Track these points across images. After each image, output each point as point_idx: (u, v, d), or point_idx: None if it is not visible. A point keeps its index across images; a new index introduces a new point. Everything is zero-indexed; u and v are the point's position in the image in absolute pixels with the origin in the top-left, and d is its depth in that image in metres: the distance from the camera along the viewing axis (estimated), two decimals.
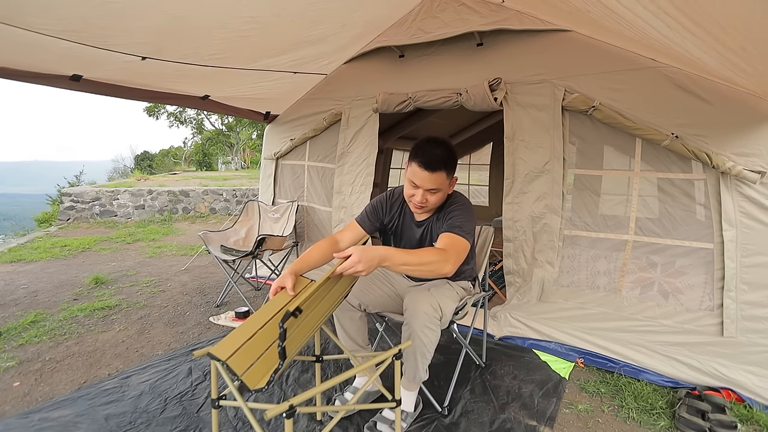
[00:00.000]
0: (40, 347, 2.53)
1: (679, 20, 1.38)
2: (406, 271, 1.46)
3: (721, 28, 1.32)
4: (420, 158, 1.59)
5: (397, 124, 4.75)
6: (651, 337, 2.20)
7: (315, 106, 3.49)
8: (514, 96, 2.56)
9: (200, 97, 3.21)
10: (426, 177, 1.60)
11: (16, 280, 3.94)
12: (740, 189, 1.97)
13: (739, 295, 1.99)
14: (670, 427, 1.81)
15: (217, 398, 1.44)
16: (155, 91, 2.92)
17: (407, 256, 1.41)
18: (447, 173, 1.63)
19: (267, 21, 2.26)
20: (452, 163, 1.65)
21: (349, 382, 2.03)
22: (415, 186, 1.64)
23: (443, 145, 1.64)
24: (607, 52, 2.26)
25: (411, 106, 2.91)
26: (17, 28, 1.81)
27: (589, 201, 2.41)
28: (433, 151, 1.60)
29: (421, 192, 1.63)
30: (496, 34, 2.57)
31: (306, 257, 1.58)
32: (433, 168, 1.59)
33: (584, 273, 2.43)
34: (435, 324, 1.60)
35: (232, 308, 3.17)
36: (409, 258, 1.42)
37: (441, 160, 1.60)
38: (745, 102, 1.92)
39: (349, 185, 3.31)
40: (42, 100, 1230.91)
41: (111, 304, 3.27)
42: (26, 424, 1.78)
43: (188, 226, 7.27)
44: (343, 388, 2.01)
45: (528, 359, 2.39)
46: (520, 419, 1.85)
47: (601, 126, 2.31)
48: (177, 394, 2.03)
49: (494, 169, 6.03)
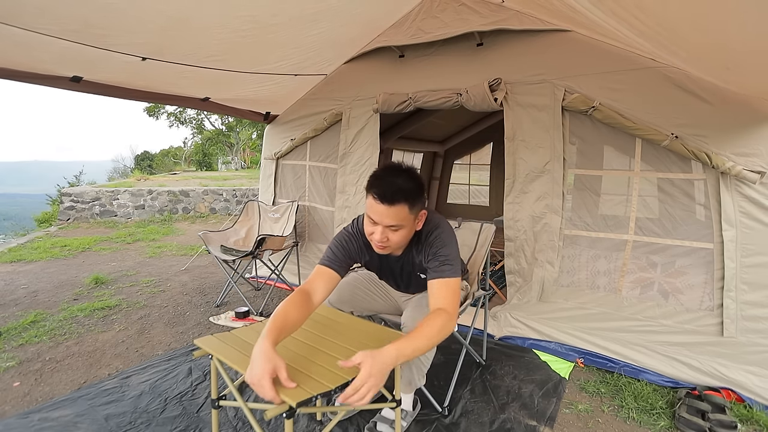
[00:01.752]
0: (40, 347, 2.53)
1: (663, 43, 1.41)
2: (421, 353, 1.32)
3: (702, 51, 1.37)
4: (376, 189, 1.36)
5: (397, 124, 4.75)
6: (651, 337, 2.20)
7: (315, 106, 3.49)
8: (514, 96, 2.56)
9: (201, 98, 3.21)
10: (383, 211, 1.36)
11: (16, 280, 3.94)
12: (740, 189, 1.97)
13: (739, 295, 1.99)
14: (670, 427, 1.81)
15: (217, 398, 1.45)
16: (155, 92, 2.92)
17: (416, 342, 1.25)
18: (410, 206, 1.38)
19: (265, 21, 2.26)
20: (416, 194, 1.39)
21: (348, 382, 2.02)
22: (373, 222, 1.41)
23: (405, 174, 1.40)
24: (607, 52, 2.26)
25: (411, 107, 2.92)
26: (16, 27, 1.80)
27: (589, 201, 2.41)
28: (392, 180, 1.37)
29: (380, 229, 1.40)
30: (496, 34, 2.57)
31: (284, 321, 1.25)
32: (391, 200, 1.34)
33: (584, 273, 2.43)
34: None
35: (232, 308, 3.17)
36: (419, 343, 1.25)
37: (401, 191, 1.35)
38: (745, 102, 1.92)
39: (352, 185, 3.31)
40: (42, 100, 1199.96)
41: (111, 304, 3.27)
42: (26, 424, 1.78)
43: (188, 226, 7.27)
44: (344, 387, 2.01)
45: (528, 359, 2.39)
46: (520, 419, 1.85)
47: (601, 126, 2.31)
48: (177, 394, 2.03)
49: (494, 169, 6.03)
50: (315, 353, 1.33)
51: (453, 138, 6.00)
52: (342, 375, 1.18)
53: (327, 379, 1.15)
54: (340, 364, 1.17)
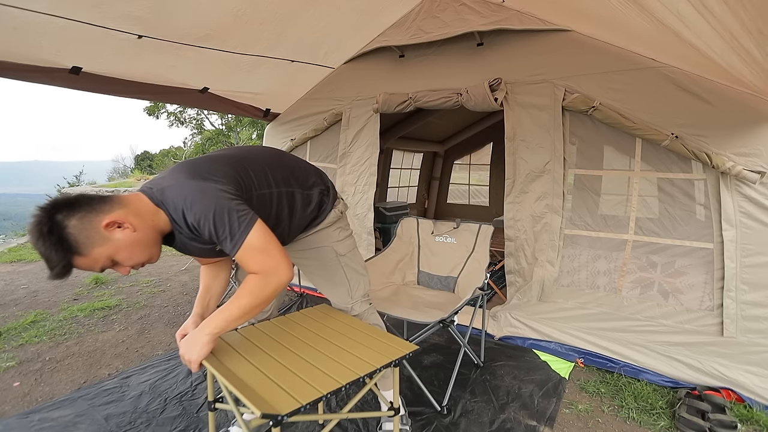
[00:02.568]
0: (40, 347, 2.53)
1: None
2: (246, 319, 1.17)
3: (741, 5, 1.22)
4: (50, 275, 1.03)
5: (397, 124, 4.75)
6: (651, 337, 2.20)
7: (315, 106, 3.49)
8: (515, 96, 2.56)
9: (199, 90, 3.18)
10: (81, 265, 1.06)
11: (16, 280, 3.94)
12: (740, 189, 1.97)
13: (739, 295, 1.99)
14: (670, 427, 1.81)
15: (213, 401, 1.44)
16: (154, 84, 2.89)
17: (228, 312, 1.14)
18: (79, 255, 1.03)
19: None
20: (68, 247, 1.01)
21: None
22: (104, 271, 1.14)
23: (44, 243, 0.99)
24: (607, 52, 2.26)
25: (411, 106, 2.92)
26: (8, 6, 1.78)
27: (589, 201, 2.41)
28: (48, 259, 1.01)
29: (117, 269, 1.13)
30: (496, 34, 2.57)
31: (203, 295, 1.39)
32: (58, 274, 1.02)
33: (584, 273, 2.43)
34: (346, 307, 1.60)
35: None
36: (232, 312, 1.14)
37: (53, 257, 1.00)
38: (745, 102, 1.92)
39: (351, 185, 3.31)
40: (42, 101, 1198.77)
41: (111, 304, 3.27)
42: (26, 424, 1.78)
43: None
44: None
45: (528, 359, 2.39)
46: (520, 419, 1.85)
47: (602, 126, 2.31)
48: (177, 394, 2.03)
49: (494, 169, 6.03)
50: (307, 355, 1.27)
51: (453, 138, 6.00)
52: (336, 380, 1.13)
53: (319, 384, 1.10)
54: None
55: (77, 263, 1.04)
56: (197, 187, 1.11)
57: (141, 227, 1.11)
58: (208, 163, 1.21)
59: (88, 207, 1.05)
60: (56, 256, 1.00)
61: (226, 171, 1.19)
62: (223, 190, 1.12)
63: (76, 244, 1.02)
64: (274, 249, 1.15)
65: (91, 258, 1.05)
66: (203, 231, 1.11)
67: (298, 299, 3.35)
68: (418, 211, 6.24)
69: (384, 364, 1.21)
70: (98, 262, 1.06)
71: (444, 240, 2.52)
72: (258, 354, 1.27)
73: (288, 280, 1.17)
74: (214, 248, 1.26)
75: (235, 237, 1.10)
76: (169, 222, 1.18)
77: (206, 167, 1.18)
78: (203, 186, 1.12)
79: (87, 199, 1.06)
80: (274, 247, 1.16)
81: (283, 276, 1.15)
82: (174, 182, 1.14)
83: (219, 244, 1.14)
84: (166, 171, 1.23)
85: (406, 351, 1.29)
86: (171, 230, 1.20)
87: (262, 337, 1.39)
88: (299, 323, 1.50)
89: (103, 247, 1.06)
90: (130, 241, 1.09)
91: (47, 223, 1.00)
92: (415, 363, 2.30)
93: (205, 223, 1.09)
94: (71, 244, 1.01)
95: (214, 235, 1.10)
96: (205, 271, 1.47)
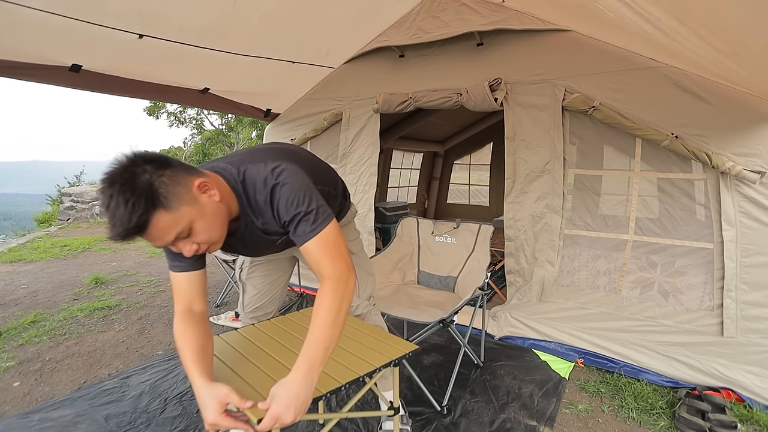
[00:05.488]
0: (40, 347, 2.53)
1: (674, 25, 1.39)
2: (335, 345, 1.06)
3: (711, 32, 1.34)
4: (111, 232, 0.91)
5: (397, 124, 4.75)
6: (651, 337, 2.20)
7: (315, 106, 3.49)
8: (515, 96, 2.56)
9: (200, 90, 3.18)
10: (150, 237, 0.96)
11: (16, 280, 3.94)
12: (740, 189, 1.97)
13: (739, 295, 1.99)
14: (670, 427, 1.81)
15: None
16: (154, 83, 2.89)
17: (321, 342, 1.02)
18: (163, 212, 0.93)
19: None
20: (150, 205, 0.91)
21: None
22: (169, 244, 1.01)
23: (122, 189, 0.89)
24: (607, 52, 2.26)
25: (411, 106, 2.92)
26: (7, 2, 1.77)
27: (589, 201, 2.41)
28: (115, 212, 0.89)
29: (175, 247, 1.02)
30: (496, 34, 2.57)
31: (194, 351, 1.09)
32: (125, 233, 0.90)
33: (584, 273, 2.43)
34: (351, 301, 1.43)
35: (232, 308, 3.17)
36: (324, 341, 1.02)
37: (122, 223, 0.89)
38: (745, 102, 1.92)
39: (352, 185, 3.31)
40: (42, 101, 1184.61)
41: (111, 304, 3.27)
42: (26, 424, 1.78)
43: None
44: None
45: (528, 359, 2.39)
46: (520, 419, 1.86)
47: (601, 126, 2.31)
48: (177, 394, 2.03)
49: (494, 169, 6.03)
50: None
51: (453, 138, 6.00)
52: (336, 379, 1.12)
53: (319, 383, 1.07)
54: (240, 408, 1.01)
55: (157, 220, 0.93)
56: (292, 169, 1.11)
57: (224, 199, 1.08)
58: (281, 152, 1.22)
59: (180, 166, 1.00)
60: (139, 206, 0.89)
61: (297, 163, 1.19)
62: (310, 179, 1.14)
63: (166, 195, 0.93)
64: (345, 249, 1.12)
65: (177, 215, 0.96)
66: (287, 211, 1.09)
67: (298, 299, 3.35)
68: (418, 211, 6.24)
69: (384, 364, 1.21)
70: (179, 224, 0.97)
71: (444, 240, 2.52)
72: (258, 354, 1.27)
73: (354, 287, 1.12)
74: (274, 241, 1.25)
75: (317, 221, 1.08)
76: (238, 208, 1.14)
77: (284, 155, 1.19)
78: (296, 169, 1.12)
79: (175, 160, 1.01)
80: (345, 248, 1.13)
81: (353, 281, 1.11)
82: (261, 163, 1.12)
83: (296, 226, 1.09)
84: (227, 157, 1.21)
85: (405, 351, 1.29)
86: (236, 216, 1.15)
87: (262, 337, 1.39)
88: (299, 323, 1.50)
89: (191, 207, 0.98)
90: (214, 209, 1.04)
91: (140, 165, 0.92)
92: (415, 363, 2.30)
93: (293, 202, 1.08)
94: (160, 194, 0.92)
95: (299, 214, 1.08)
96: (193, 331, 1.15)
